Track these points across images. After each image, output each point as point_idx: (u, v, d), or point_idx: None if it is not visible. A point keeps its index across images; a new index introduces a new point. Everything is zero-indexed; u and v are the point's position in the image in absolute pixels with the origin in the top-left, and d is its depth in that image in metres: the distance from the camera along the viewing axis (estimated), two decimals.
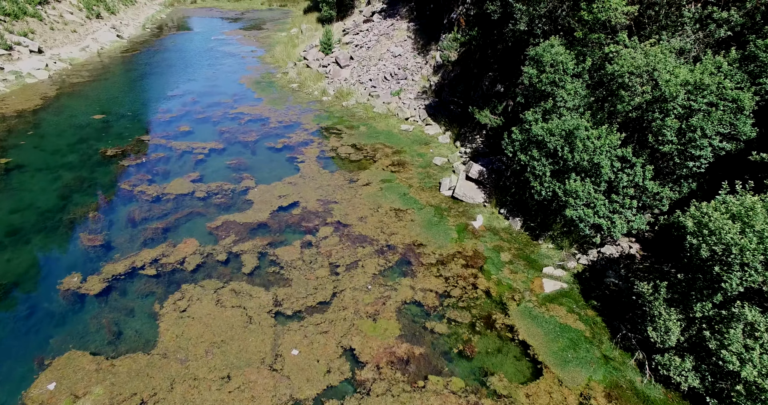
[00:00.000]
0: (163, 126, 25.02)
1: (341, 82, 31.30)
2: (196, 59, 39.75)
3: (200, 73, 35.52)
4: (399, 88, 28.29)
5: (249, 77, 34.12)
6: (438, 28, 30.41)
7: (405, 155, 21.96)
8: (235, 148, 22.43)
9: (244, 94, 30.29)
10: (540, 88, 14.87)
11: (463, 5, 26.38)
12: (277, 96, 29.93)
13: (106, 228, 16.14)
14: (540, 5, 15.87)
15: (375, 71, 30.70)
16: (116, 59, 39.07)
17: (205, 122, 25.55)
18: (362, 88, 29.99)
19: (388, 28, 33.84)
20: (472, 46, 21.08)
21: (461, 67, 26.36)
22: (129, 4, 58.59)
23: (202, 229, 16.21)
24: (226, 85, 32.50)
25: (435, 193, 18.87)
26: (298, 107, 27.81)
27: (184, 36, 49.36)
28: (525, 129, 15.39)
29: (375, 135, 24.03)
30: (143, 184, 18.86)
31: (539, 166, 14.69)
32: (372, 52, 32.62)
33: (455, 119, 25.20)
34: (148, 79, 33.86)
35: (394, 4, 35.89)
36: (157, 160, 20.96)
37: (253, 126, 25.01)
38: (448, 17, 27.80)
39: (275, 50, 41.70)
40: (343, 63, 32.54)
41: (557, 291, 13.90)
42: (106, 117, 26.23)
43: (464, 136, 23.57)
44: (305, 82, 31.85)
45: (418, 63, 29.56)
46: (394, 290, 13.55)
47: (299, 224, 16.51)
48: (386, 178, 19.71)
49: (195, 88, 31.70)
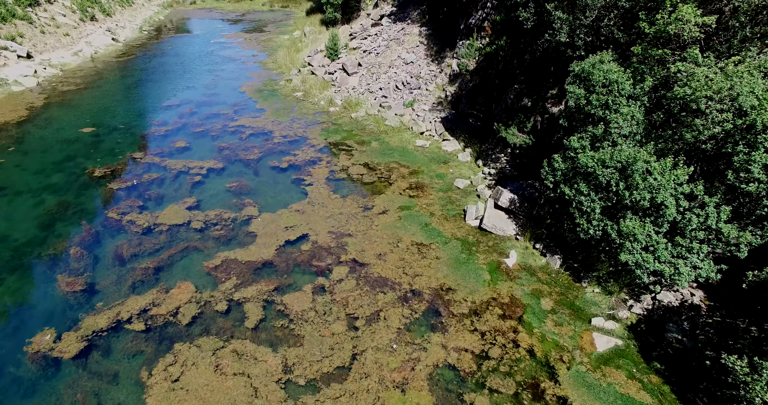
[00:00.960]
0: (157, 141, 23.01)
1: (349, 91, 29.30)
2: (194, 64, 37.73)
3: (199, 79, 33.51)
4: (412, 98, 26.30)
5: (250, 85, 32.11)
6: (452, 34, 28.42)
7: (423, 176, 19.96)
8: (236, 168, 20.43)
9: (246, 104, 28.28)
10: (588, 111, 12.89)
11: (483, 10, 24.39)
12: (280, 106, 27.93)
13: (90, 267, 14.15)
14: (585, 14, 13.86)
15: (385, 79, 28.70)
16: (111, 64, 37.04)
17: (203, 136, 23.55)
18: (372, 97, 27.99)
19: (398, 32, 31.83)
20: (500, 56, 19.09)
21: (480, 76, 24.37)
22: (126, 5, 56.54)
23: (199, 268, 14.23)
24: (226, 93, 30.49)
25: (460, 222, 16.89)
26: (304, 119, 25.81)
27: (182, 39, 47.33)
28: (569, 157, 13.41)
29: (388, 152, 22.03)
30: (133, 211, 16.86)
31: (587, 202, 12.71)
32: (382, 58, 30.62)
33: (475, 134, 23.21)
34: (143, 87, 31.84)
35: (405, 7, 33.88)
36: (149, 183, 18.96)
37: (256, 141, 23.02)
38: (466, 23, 25.80)
39: (278, 55, 39.68)
40: (351, 70, 30.54)
41: (611, 349, 11.93)
42: (96, 130, 24.24)
43: (486, 154, 21.57)
44: (310, 91, 29.84)
45: (432, 71, 27.57)
46: (424, 350, 11.57)
47: (309, 263, 14.52)
48: (404, 205, 17.73)
49: (193, 96, 29.69)
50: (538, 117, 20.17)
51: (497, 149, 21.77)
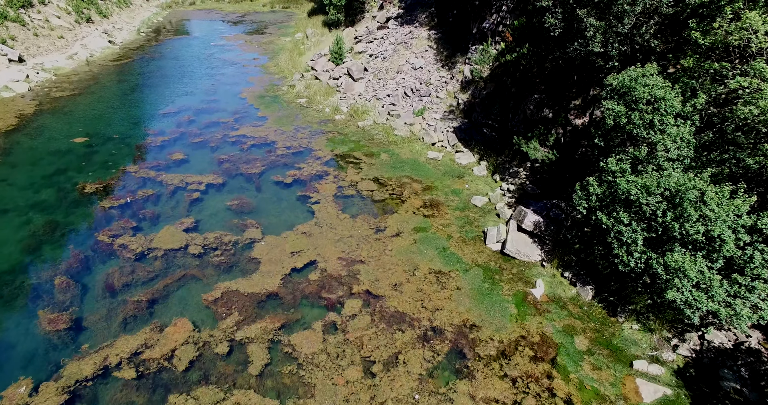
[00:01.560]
0: (153, 152, 21.70)
1: (355, 98, 27.99)
2: (193, 68, 36.40)
3: (198, 84, 32.18)
4: (422, 106, 25.00)
5: (251, 90, 30.79)
6: (463, 38, 27.13)
7: (437, 193, 18.66)
8: (237, 183, 19.12)
9: (247, 112, 26.97)
10: (629, 131, 11.59)
11: (498, 14, 23.08)
12: (283, 114, 26.62)
13: (77, 300, 12.85)
14: (623, 21, 12.56)
15: (393, 86, 27.40)
16: (107, 68, 35.70)
17: (201, 147, 22.23)
18: (379, 105, 26.68)
19: (405, 36, 30.53)
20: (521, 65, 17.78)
21: (495, 84, 23.07)
22: (123, 6, 55.18)
23: (197, 300, 12.93)
24: (226, 99, 29.17)
25: (480, 246, 15.58)
26: (308, 129, 24.49)
27: (181, 41, 45.99)
28: (606, 181, 12.11)
29: (399, 165, 20.72)
30: (126, 234, 15.55)
31: (628, 233, 11.41)
32: (389, 63, 29.31)
33: (490, 145, 21.91)
34: (140, 93, 30.52)
35: (412, 9, 32.57)
36: (144, 200, 17.65)
37: (258, 153, 21.70)
38: (479, 27, 24.49)
39: (279, 58, 38.35)
40: (357, 75, 29.22)
41: (660, 400, 10.64)
42: (89, 140, 22.92)
43: (504, 167, 20.27)
44: (314, 97, 28.52)
45: (443, 77, 26.26)
46: (450, 402, 10.28)
47: (318, 295, 13.22)
48: (419, 226, 16.42)
49: (192, 103, 28.37)
50: (559, 129, 18.89)
51: (515, 162, 20.48)
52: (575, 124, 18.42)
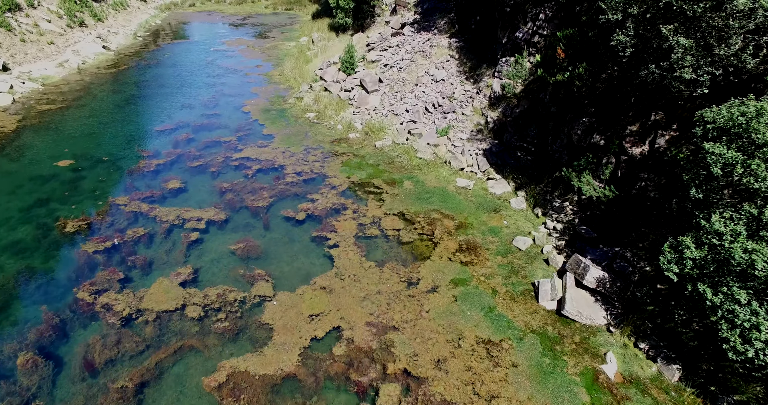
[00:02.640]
0: (147, 179, 19.22)
1: (370, 113, 25.50)
2: (193, 76, 33.89)
3: (197, 95, 29.68)
4: (446, 124, 22.51)
5: (255, 103, 28.29)
6: (488, 47, 24.66)
7: (473, 232, 16.19)
8: (242, 219, 16.66)
9: (251, 128, 24.48)
10: (747, 185, 9.12)
11: (534, 22, 20.60)
12: (291, 131, 24.13)
13: (45, 386, 10.38)
14: (729, 42, 10.09)
15: (412, 100, 24.91)
16: (100, 77, 33.19)
17: (201, 173, 19.75)
18: (397, 121, 24.19)
19: (423, 44, 28.04)
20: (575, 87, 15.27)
21: (530, 101, 20.61)
22: (120, 8, 52.61)
23: (197, 385, 10.47)
24: (228, 113, 26.68)
25: (531, 304, 13.12)
26: (320, 150, 22.00)
27: (180, 46, 43.48)
28: (709, 244, 9.64)
29: (426, 196, 18.24)
30: (111, 289, 13.07)
31: (745, 315, 8.94)
32: (406, 74, 26.83)
33: (526, 171, 19.45)
34: (135, 105, 28.02)
35: (429, 15, 30.08)
36: (134, 242, 15.17)
37: (264, 180, 19.22)
38: (510, 36, 22.00)
39: (285, 66, 35.85)
40: (371, 87, 26.73)
41: None
42: (76, 163, 20.45)
43: (545, 199, 17.82)
44: (325, 112, 26.03)
45: (468, 91, 23.78)
46: None
47: (346, 376, 10.76)
48: (458, 277, 13.95)
49: (190, 118, 25.88)
50: (611, 158, 16.42)
51: (556, 193, 18.02)
52: (632, 153, 15.95)
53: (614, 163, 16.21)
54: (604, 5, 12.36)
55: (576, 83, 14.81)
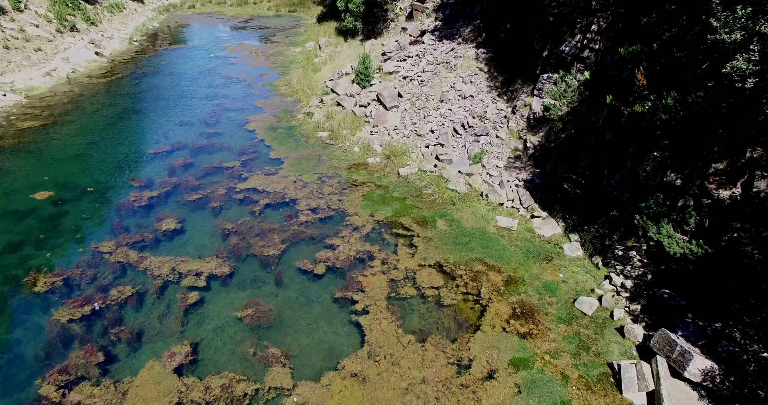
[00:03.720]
0: (137, 217, 16.55)
1: (390, 133, 22.82)
2: (191, 87, 31.18)
3: (197, 110, 26.99)
4: (479, 149, 19.83)
5: (261, 119, 25.60)
6: (522, 59, 21.99)
7: (525, 288, 13.53)
8: (249, 271, 14.00)
9: (256, 151, 21.80)
10: None
11: (584, 35, 17.93)
12: (302, 154, 21.44)
13: None
14: None
15: (437, 118, 22.24)
16: (91, 87, 30.47)
17: (200, 208, 17.09)
18: (422, 143, 21.51)
19: (446, 54, 25.36)
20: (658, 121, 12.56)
21: (578, 125, 17.97)
22: (115, 11, 49.83)
23: None
24: (230, 132, 23.99)
25: (614, 396, 10.46)
26: (336, 178, 19.31)
27: (178, 52, 40.75)
28: None
29: (464, 240, 15.58)
30: (86, 381, 10.40)
31: None
32: (429, 88, 24.15)
33: (574, 206, 16.81)
34: (127, 121, 25.32)
35: (452, 21, 27.39)
36: (119, 307, 12.49)
37: (274, 218, 16.56)
38: (553, 49, 19.33)
39: (291, 75, 33.16)
40: (390, 103, 24.05)
41: None
42: (57, 195, 17.80)
43: (604, 244, 15.16)
44: (338, 131, 23.33)
45: (501, 110, 21.11)
46: None
47: None
48: (518, 356, 11.29)
49: (189, 137, 23.19)
50: (689, 200, 13.76)
51: (615, 236, 15.37)
52: (718, 196, 13.29)
53: (691, 205, 13.56)
54: (715, 22, 9.68)
55: (661, 116, 12.12)
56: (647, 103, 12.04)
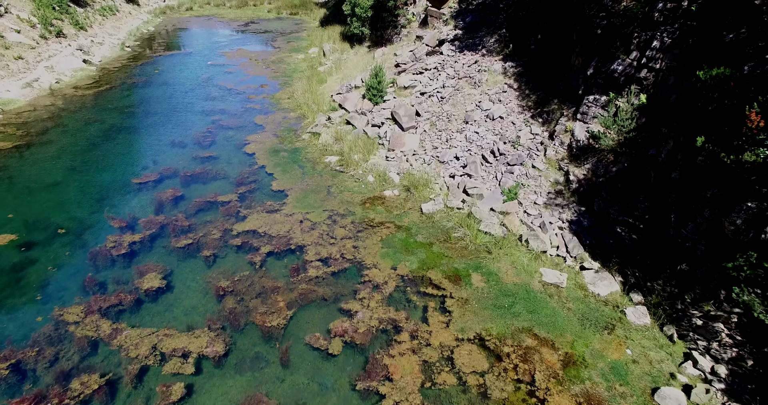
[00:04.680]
0: (115, 270, 13.93)
1: (408, 158, 20.17)
2: (185, 100, 28.55)
3: (190, 127, 24.38)
4: (513, 182, 17.20)
5: (261, 140, 22.96)
6: (559, 75, 19.38)
7: (589, 372, 10.90)
8: (248, 347, 11.38)
9: (256, 180, 19.17)
10: None
11: (641, 52, 15.27)
12: (308, 185, 18.80)
13: None
14: None
15: (462, 143, 19.60)
16: (75, 100, 27.84)
17: (190, 257, 14.47)
18: (446, 172, 18.88)
19: (469, 67, 22.71)
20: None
21: (633, 158, 15.35)
22: (108, 14, 47.13)
23: None
24: (227, 155, 21.36)
25: None
26: (350, 217, 16.68)
27: (173, 59, 38.09)
28: None
29: (506, 302, 12.95)
30: None
31: None
32: (450, 106, 21.51)
33: (631, 255, 14.20)
34: (113, 142, 22.69)
35: (474, 30, 24.73)
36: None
37: (278, 271, 13.94)
38: (601, 67, 16.69)
39: (295, 86, 30.53)
40: (406, 123, 21.41)
41: None
42: (23, 237, 15.21)
43: (674, 308, 12.53)
44: (349, 155, 20.68)
45: (537, 135, 18.48)
46: None
47: None
48: None
49: (180, 162, 20.56)
50: None
51: (688, 298, 12.74)
52: None
53: None
54: None
55: None
56: (764, 150, 9.38)
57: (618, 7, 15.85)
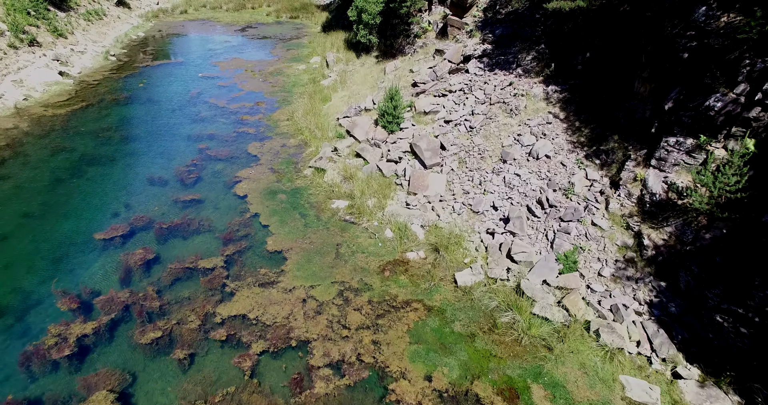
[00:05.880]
0: (52, 382, 10.39)
1: (434, 206, 16.60)
2: (171, 121, 25.02)
3: (173, 158, 20.85)
4: (570, 244, 13.64)
5: (255, 176, 19.41)
6: (616, 103, 15.86)
7: None
8: None
9: (248, 235, 15.63)
10: None
11: (750, 84, 11.69)
12: (313, 243, 15.24)
13: None
14: None
15: (500, 187, 16.05)
16: (43, 122, 24.30)
17: (159, 358, 10.94)
18: (481, 226, 15.32)
19: (502, 90, 19.13)
20: None
21: (734, 223, 11.79)
22: (94, 19, 43.51)
23: None
24: (213, 197, 17.83)
25: None
26: (366, 294, 13.10)
27: (161, 70, 34.52)
28: None
29: None
30: None
31: None
32: (483, 138, 17.95)
33: (745, 360, 10.66)
34: (81, 179, 19.17)
35: (505, 44, 21.12)
36: None
37: (274, 382, 10.41)
38: (690, 103, 13.12)
39: (295, 105, 26.99)
40: (430, 159, 17.85)
41: None
42: None
43: None
44: (361, 200, 17.09)
45: (595, 182, 14.91)
46: None
47: None
48: None
49: (156, 209, 17.03)
50: None
51: None
52: None
53: None
54: None
55: None
56: None
57: (716, 25, 12.26)
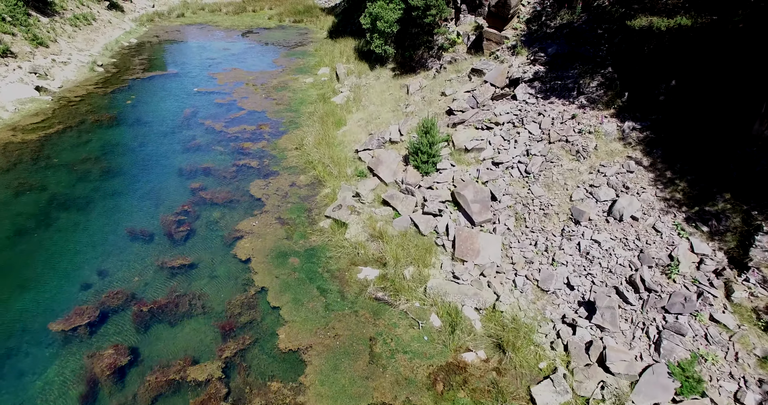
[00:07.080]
0: None
1: (489, 281, 13.04)
2: (160, 150, 21.49)
3: (161, 202, 17.35)
4: (686, 351, 10.12)
5: (260, 231, 15.86)
6: (725, 149, 12.38)
7: None
8: None
9: (252, 321, 12.11)
10: None
11: None
12: (337, 338, 11.72)
13: None
14: None
15: (575, 258, 12.51)
16: (10, 151, 20.77)
17: None
18: (554, 311, 11.79)
19: (562, 124, 15.59)
20: None
21: None
22: (82, 24, 39.91)
23: None
24: (208, 262, 14.30)
25: None
26: None
27: (153, 82, 30.96)
28: None
29: None
30: None
31: None
32: (543, 187, 14.41)
33: None
34: (46, 231, 15.64)
35: (562, 66, 17.51)
36: None
37: None
38: None
39: (304, 129, 23.47)
40: (479, 214, 14.29)
41: None
42: None
43: None
44: (396, 270, 13.47)
45: (705, 257, 11.38)
46: None
47: None
48: None
49: (136, 280, 13.51)
50: None
51: None
52: None
53: None
54: None
55: None
56: None
57: None
